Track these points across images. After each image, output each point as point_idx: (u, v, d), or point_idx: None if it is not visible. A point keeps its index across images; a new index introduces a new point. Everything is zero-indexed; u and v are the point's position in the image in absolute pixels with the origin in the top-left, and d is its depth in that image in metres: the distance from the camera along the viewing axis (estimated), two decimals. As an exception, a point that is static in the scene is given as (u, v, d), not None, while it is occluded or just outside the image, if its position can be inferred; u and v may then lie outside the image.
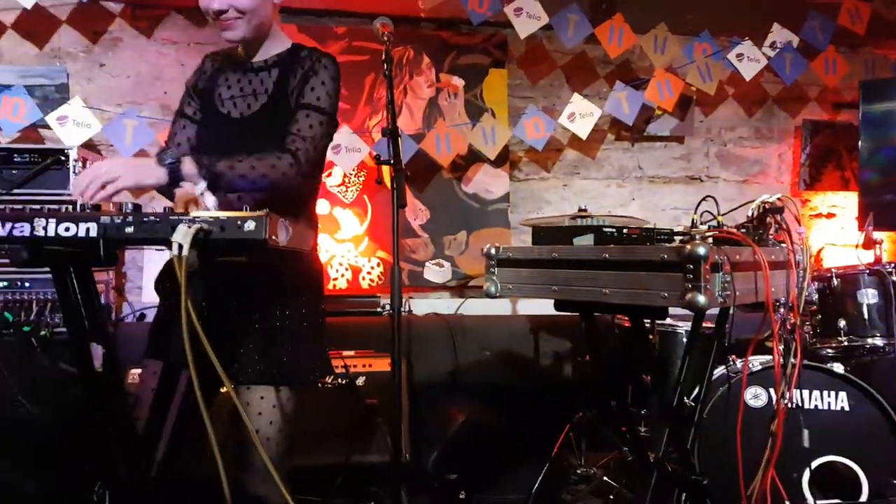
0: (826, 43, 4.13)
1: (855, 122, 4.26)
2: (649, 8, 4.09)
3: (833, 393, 2.50)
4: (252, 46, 1.82)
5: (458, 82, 4.12)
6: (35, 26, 3.75)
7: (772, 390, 2.46)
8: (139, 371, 2.81)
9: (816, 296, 2.80)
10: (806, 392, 2.50)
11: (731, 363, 2.49)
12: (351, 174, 3.95)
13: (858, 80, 4.28)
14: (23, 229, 1.38)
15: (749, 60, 4.08)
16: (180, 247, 1.29)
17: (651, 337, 2.57)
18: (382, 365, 2.92)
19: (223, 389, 1.46)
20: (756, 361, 2.51)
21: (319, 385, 1.83)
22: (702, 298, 1.40)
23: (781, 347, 1.96)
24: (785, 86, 4.27)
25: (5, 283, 3.01)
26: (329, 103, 1.76)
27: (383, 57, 1.91)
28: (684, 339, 2.64)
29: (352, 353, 3.02)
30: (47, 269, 1.50)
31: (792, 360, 1.99)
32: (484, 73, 4.14)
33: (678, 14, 4.13)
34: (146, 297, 3.76)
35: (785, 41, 4.09)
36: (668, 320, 2.57)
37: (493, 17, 3.79)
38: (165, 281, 1.84)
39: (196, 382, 1.33)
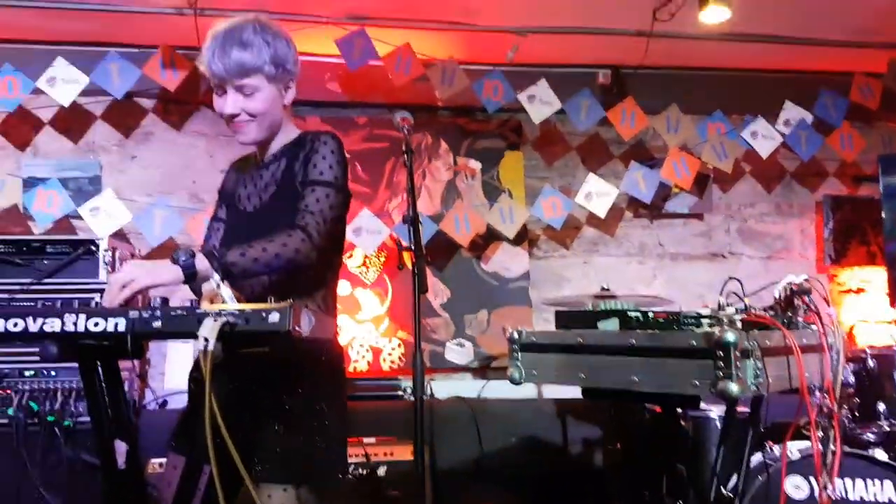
0: (840, 119, 4.17)
1: (876, 195, 4.25)
2: (660, 90, 4.18)
3: (878, 482, 2.36)
4: (265, 145, 1.87)
5: (475, 165, 4.20)
6: (71, 122, 3.92)
7: (813, 480, 2.35)
8: (160, 461, 2.79)
9: (853, 378, 2.69)
10: (849, 481, 2.37)
11: (769, 450, 2.40)
12: (371, 255, 4.00)
13: (877, 154, 4.29)
14: (53, 325, 1.41)
15: (764, 138, 4.12)
16: (206, 340, 1.31)
17: (684, 424, 2.50)
18: (404, 453, 2.85)
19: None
20: (794, 449, 2.40)
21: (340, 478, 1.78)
22: (734, 387, 1.37)
23: (820, 435, 1.90)
24: (802, 161, 4.29)
25: (32, 373, 3.03)
26: (333, 175, 1.73)
27: (403, 148, 1.96)
28: (718, 426, 2.55)
29: (373, 440, 2.97)
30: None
31: (832, 447, 1.91)
32: (500, 155, 4.23)
33: (689, 95, 4.22)
34: (169, 383, 3.75)
35: (798, 118, 4.14)
36: (701, 405, 2.50)
37: (507, 105, 3.90)
38: (195, 373, 1.84)
39: (217, 480, 1.32)
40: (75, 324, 1.40)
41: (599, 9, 3.60)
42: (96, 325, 1.40)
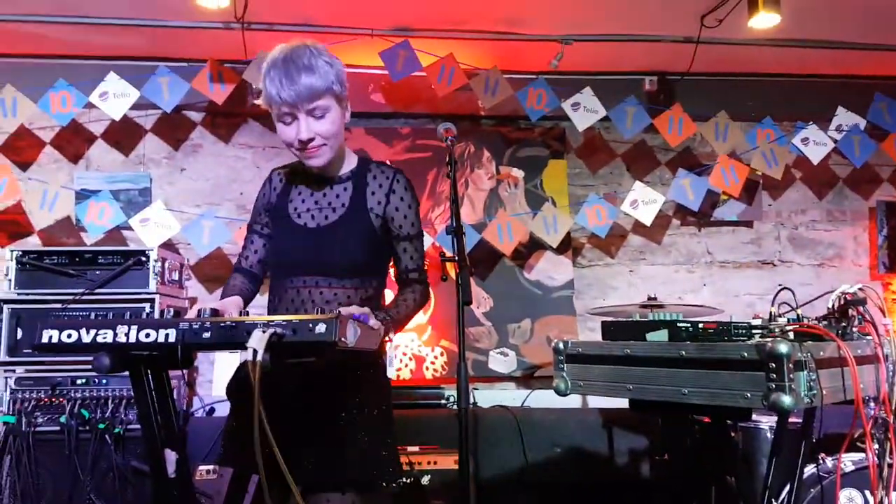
0: (894, 124, 4.04)
1: (933, 201, 4.11)
2: (707, 96, 4.12)
3: (935, 496, 2.30)
4: (329, 166, 1.87)
5: (518, 173, 4.19)
6: (122, 136, 4.04)
7: (867, 493, 2.28)
8: (207, 468, 2.84)
9: (910, 388, 2.61)
10: (905, 496, 2.30)
11: (822, 462, 2.33)
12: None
13: (933, 159, 4.16)
14: (105, 336, 1.44)
15: (815, 144, 4.02)
16: (255, 352, 1.32)
17: (733, 435, 2.44)
18: (448, 462, 2.85)
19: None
20: (848, 461, 2.34)
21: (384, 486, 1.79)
22: (787, 399, 1.33)
23: (875, 447, 1.83)
24: (855, 167, 4.17)
25: (84, 381, 3.11)
26: (420, 224, 1.94)
27: (447, 159, 1.96)
28: (769, 436, 2.49)
29: (416, 448, 2.97)
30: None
31: (888, 460, 1.85)
32: (543, 163, 4.21)
33: (738, 102, 4.15)
34: (216, 391, 3.82)
35: (851, 123, 4.02)
36: (752, 416, 2.44)
37: (550, 113, 3.88)
38: (236, 386, 1.87)
39: (266, 490, 1.33)
40: (127, 335, 1.43)
41: (645, 16, 3.56)
42: (147, 335, 1.43)
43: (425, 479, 2.70)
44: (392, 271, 1.97)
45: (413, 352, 3.96)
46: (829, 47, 3.83)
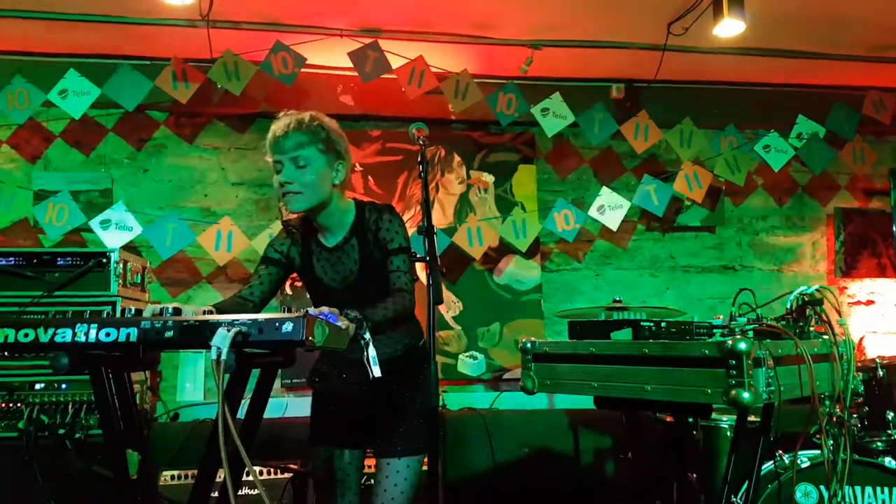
0: (853, 133, 4.16)
1: (887, 209, 4.23)
2: (673, 104, 4.19)
3: (886, 489, 2.38)
4: (324, 221, 2.06)
5: (488, 178, 4.21)
6: (82, 135, 3.96)
7: (823, 487, 2.34)
8: (172, 473, 2.79)
9: (862, 387, 2.70)
10: (858, 489, 2.37)
11: (779, 458, 2.39)
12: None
13: (888, 168, 4.28)
14: (64, 335, 1.42)
15: (776, 151, 4.11)
16: (219, 350, 1.31)
17: (694, 432, 2.48)
18: (417, 464, 2.84)
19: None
20: (804, 457, 2.41)
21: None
22: (746, 395, 1.36)
23: (830, 443, 1.88)
24: (814, 175, 4.28)
25: (42, 385, 3.04)
26: (405, 240, 2.06)
27: (419, 159, 1.97)
28: (728, 434, 2.55)
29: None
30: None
31: (842, 455, 1.90)
32: (513, 169, 4.24)
33: (702, 109, 4.22)
34: (182, 396, 3.76)
35: (811, 132, 4.13)
36: (712, 414, 2.49)
37: (520, 118, 3.91)
38: (315, 376, 2.20)
39: (231, 489, 1.31)
40: (87, 334, 1.40)
41: (613, 23, 3.61)
42: (108, 335, 1.40)
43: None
44: None
45: (381, 355, 3.94)
46: (791, 56, 3.92)
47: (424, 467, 2.08)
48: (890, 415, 2.61)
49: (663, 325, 1.68)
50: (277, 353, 1.55)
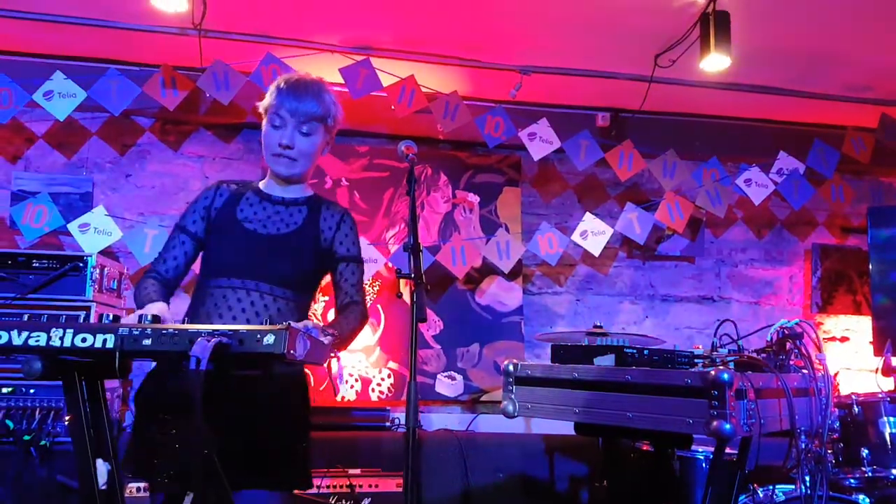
0: (832, 170, 4.23)
1: (864, 246, 4.30)
2: (657, 134, 4.24)
3: (860, 527, 2.38)
4: (286, 182, 2.02)
5: (474, 199, 4.22)
6: (65, 137, 3.91)
7: (799, 524, 2.34)
8: (137, 485, 2.73)
9: (838, 423, 2.72)
10: (833, 527, 2.37)
11: (754, 491, 2.39)
12: (365, 283, 3.97)
13: (866, 206, 4.36)
14: (38, 339, 1.38)
15: (757, 185, 4.17)
16: (198, 361, 1.28)
17: (671, 463, 2.48)
18: (390, 485, 2.81)
19: None
20: (780, 492, 2.41)
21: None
22: (727, 426, 1.36)
23: (807, 478, 1.89)
24: (794, 210, 4.35)
25: (9, 389, 2.96)
26: (359, 252, 2.09)
27: (407, 177, 1.96)
28: (705, 465, 2.54)
29: (358, 471, 2.91)
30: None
31: (819, 491, 1.91)
32: (498, 190, 4.25)
33: (686, 141, 4.28)
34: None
35: (791, 168, 4.20)
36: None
37: (507, 141, 3.93)
38: (146, 393, 1.87)
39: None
40: (62, 339, 1.37)
41: (602, 53, 3.66)
42: (84, 340, 1.37)
43: (365, 503, 2.65)
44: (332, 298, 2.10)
45: (360, 373, 3.91)
46: (773, 93, 3.99)
47: (398, 489, 2.05)
48: (864, 452, 2.62)
49: (646, 352, 1.69)
50: (258, 365, 1.52)
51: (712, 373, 1.40)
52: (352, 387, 3.88)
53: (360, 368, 3.91)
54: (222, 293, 1.85)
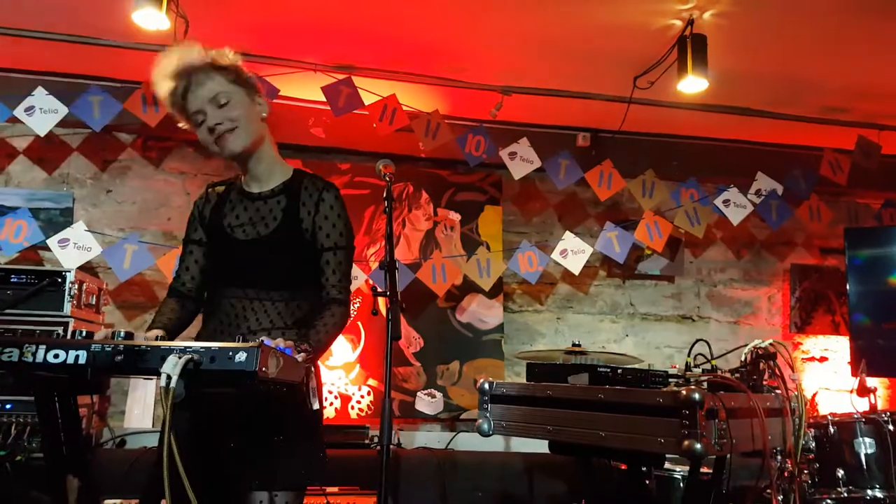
0: (809, 192, 4.30)
1: (842, 267, 4.36)
2: (637, 155, 4.29)
3: (835, 548, 2.39)
4: (255, 169, 1.92)
5: (455, 217, 4.24)
6: (46, 153, 3.89)
7: (774, 543, 2.35)
8: (113, 502, 2.69)
9: (814, 443, 2.73)
10: (809, 547, 2.38)
11: (730, 511, 2.40)
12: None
13: (843, 227, 4.42)
14: (11, 354, 1.37)
15: (736, 206, 4.22)
16: (168, 378, 1.28)
17: (647, 481, 2.48)
18: (367, 504, 2.79)
19: None
20: (756, 511, 2.41)
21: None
22: (699, 446, 1.38)
23: (780, 498, 1.90)
24: (772, 230, 4.40)
25: (-15, 405, 2.93)
26: (347, 237, 1.90)
27: (385, 195, 1.97)
28: (681, 485, 2.55)
29: (335, 489, 2.89)
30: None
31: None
32: (479, 209, 4.28)
33: (665, 161, 4.34)
34: (129, 422, 3.64)
35: (769, 189, 4.25)
36: (665, 465, 2.49)
37: (488, 160, 3.97)
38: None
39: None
40: (34, 354, 1.36)
41: (582, 74, 3.71)
42: (56, 356, 1.36)
43: (342, 521, 2.63)
44: None
45: (339, 390, 3.89)
46: (751, 115, 4.05)
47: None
48: (840, 472, 2.63)
49: (619, 371, 1.70)
50: (230, 383, 1.51)
51: (683, 392, 1.42)
52: (331, 404, 3.86)
53: (340, 386, 3.90)
54: (229, 303, 1.84)
